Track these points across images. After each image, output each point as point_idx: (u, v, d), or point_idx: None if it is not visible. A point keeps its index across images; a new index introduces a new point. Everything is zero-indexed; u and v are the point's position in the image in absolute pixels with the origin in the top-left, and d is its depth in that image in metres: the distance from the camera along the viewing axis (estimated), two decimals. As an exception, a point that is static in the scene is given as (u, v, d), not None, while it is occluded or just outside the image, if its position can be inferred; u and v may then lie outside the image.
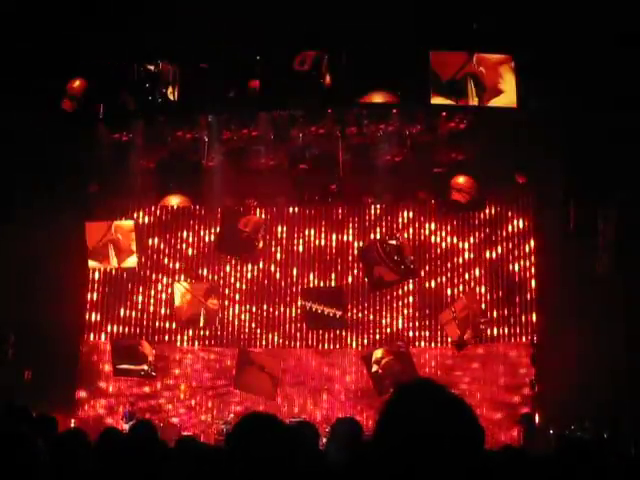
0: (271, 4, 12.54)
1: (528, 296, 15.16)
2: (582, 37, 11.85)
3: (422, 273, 15.81)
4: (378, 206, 16.19)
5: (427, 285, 15.94)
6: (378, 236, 15.98)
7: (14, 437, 2.33)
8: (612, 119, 12.24)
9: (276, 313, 16.46)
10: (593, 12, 11.65)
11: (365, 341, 16.08)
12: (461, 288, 15.68)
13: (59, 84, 13.60)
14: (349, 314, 15.73)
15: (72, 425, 14.66)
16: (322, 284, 16.18)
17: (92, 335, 16.40)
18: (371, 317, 16.12)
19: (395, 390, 1.82)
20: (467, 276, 15.77)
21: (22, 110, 13.11)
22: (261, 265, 16.40)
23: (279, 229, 16.59)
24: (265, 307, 16.52)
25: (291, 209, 16.38)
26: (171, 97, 13.54)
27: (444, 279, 15.88)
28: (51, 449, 3.48)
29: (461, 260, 15.87)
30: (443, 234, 16.01)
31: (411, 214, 16.15)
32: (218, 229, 15.98)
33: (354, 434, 4.71)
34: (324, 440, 7.62)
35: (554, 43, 12.30)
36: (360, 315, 16.08)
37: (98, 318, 16.48)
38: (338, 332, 16.09)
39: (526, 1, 12.29)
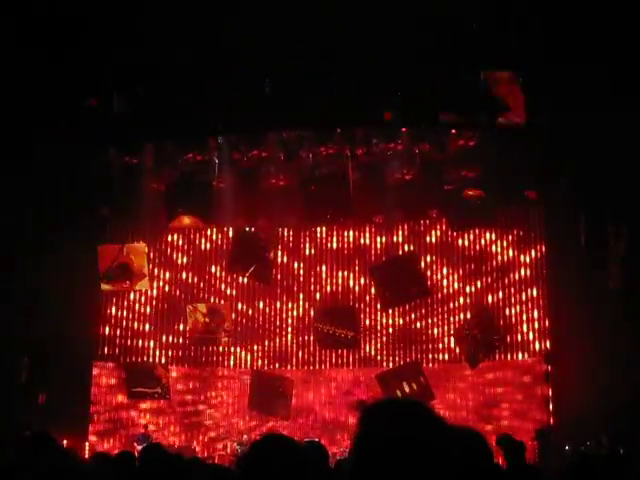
0: (277, 25, 12.63)
1: (541, 312, 15.12)
2: (591, 52, 11.87)
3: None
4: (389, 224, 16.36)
5: (440, 304, 16.03)
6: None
7: None
8: (623, 134, 12.23)
9: (287, 334, 16.57)
10: (598, 26, 11.68)
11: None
12: (474, 304, 15.69)
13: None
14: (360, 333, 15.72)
15: (86, 448, 14.71)
16: (334, 304, 16.25)
17: (105, 359, 16.46)
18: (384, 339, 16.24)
19: (362, 411, 1.83)
20: (478, 286, 15.80)
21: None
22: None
23: (290, 249, 16.69)
24: (274, 326, 16.62)
25: (302, 229, 16.46)
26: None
27: (457, 296, 15.94)
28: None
29: (472, 277, 15.91)
30: (454, 250, 16.10)
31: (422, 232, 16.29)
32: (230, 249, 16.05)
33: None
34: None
35: (562, 59, 12.32)
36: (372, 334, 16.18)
37: (112, 342, 16.55)
38: (349, 352, 16.15)
39: (535, 18, 12.32)
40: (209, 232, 16.62)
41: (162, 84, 13.24)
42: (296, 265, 16.66)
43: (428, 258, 16.05)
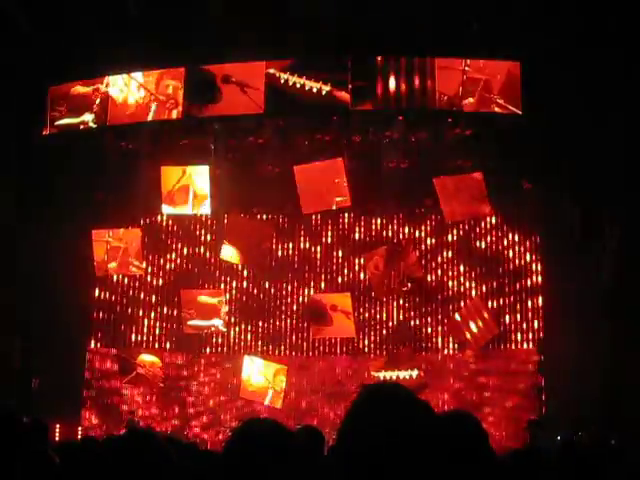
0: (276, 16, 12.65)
1: (534, 303, 15.15)
2: (587, 43, 11.87)
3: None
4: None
5: (435, 293, 16.09)
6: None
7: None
8: (619, 127, 12.24)
9: (282, 319, 16.67)
10: (599, 18, 11.67)
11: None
12: (467, 294, 15.72)
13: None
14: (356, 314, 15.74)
15: (79, 433, 14.72)
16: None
17: (98, 344, 16.46)
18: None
19: (359, 392, 1.86)
20: (473, 283, 15.82)
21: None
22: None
23: (286, 237, 16.75)
24: (271, 320, 16.73)
25: (297, 217, 16.47)
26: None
27: (450, 286, 15.98)
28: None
29: (467, 267, 15.95)
30: (449, 240, 16.14)
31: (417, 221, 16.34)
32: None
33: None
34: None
35: (559, 49, 12.31)
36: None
37: (105, 327, 16.55)
38: (343, 340, 16.24)
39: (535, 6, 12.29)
40: (204, 218, 16.60)
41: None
42: (291, 252, 16.78)
43: (422, 247, 16.16)
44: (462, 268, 16.07)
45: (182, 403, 16.59)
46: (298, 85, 13.28)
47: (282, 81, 13.33)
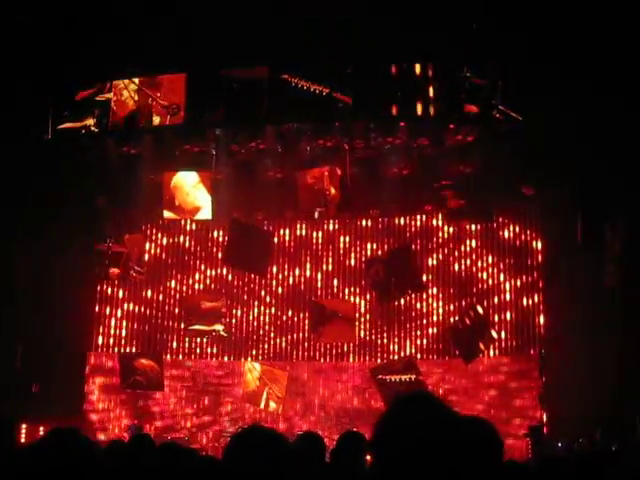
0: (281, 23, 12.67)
1: (536, 308, 15.12)
2: (589, 48, 11.88)
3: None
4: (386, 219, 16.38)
5: (434, 301, 16.07)
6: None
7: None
8: (621, 131, 12.24)
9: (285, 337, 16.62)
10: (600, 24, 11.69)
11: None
12: (467, 300, 15.71)
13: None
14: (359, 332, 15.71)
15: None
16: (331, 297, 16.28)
17: (100, 349, 16.46)
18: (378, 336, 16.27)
19: (394, 401, 1.89)
20: (474, 289, 15.79)
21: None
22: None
23: (287, 243, 16.72)
24: (272, 324, 16.65)
25: (299, 223, 16.50)
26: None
27: (451, 291, 15.97)
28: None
29: (468, 273, 15.92)
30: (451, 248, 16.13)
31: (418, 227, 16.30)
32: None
33: (358, 447, 4.72)
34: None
35: (562, 56, 12.32)
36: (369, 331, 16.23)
37: (106, 331, 16.56)
38: (345, 347, 16.20)
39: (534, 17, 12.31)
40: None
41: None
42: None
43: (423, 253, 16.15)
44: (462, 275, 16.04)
45: (181, 408, 16.56)
46: (300, 91, 13.29)
47: (284, 87, 13.34)
